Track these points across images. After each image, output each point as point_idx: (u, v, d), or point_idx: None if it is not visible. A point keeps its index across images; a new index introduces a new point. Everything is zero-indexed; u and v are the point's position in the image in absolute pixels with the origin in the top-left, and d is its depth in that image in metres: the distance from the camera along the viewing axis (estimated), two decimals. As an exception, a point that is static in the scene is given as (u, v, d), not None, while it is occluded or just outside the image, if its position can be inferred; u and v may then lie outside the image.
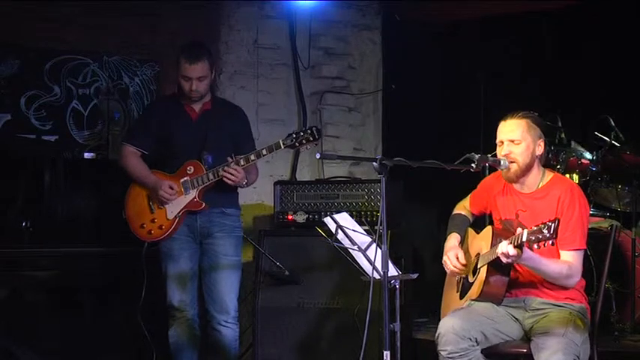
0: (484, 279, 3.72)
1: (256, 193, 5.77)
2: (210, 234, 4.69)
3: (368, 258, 3.64)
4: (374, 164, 3.52)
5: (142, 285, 4.59)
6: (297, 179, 6.04)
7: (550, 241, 3.36)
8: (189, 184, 4.62)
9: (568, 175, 5.15)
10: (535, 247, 3.45)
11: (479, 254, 3.86)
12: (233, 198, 4.80)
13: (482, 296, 3.76)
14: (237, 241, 4.75)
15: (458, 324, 3.67)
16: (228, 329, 4.70)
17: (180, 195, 4.63)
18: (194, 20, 5.91)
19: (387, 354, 3.45)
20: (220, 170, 4.54)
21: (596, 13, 5.72)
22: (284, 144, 4.50)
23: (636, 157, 5.09)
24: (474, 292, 3.80)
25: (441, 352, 3.69)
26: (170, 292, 4.68)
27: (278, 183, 5.32)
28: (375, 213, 5.01)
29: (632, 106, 5.55)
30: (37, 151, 5.28)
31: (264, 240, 5.05)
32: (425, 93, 6.12)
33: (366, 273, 3.67)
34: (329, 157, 6.17)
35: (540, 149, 3.87)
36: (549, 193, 3.83)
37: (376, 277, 3.54)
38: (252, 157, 4.55)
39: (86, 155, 5.71)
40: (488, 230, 3.87)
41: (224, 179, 4.54)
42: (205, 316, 4.76)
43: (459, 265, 3.93)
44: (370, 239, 3.71)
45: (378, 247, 3.59)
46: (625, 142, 5.20)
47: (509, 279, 3.75)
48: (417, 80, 6.09)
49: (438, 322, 3.86)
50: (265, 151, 4.53)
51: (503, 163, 3.84)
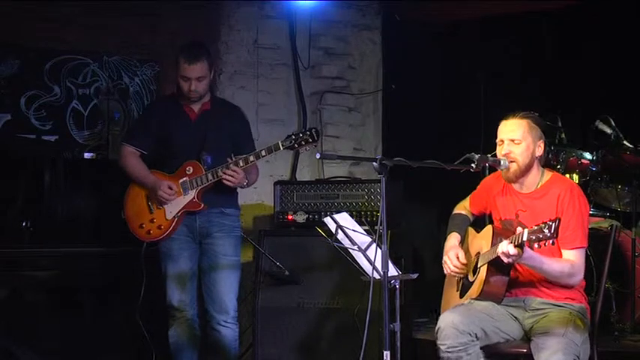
0: (484, 278, 3.72)
1: (256, 193, 5.77)
2: (210, 234, 4.69)
3: (368, 258, 3.63)
4: (374, 164, 3.51)
5: (142, 285, 4.59)
6: (297, 179, 6.03)
7: (551, 241, 3.36)
8: (188, 184, 4.62)
9: (568, 175, 5.16)
10: (536, 246, 3.45)
11: (479, 253, 3.85)
12: (232, 198, 4.80)
13: (483, 295, 3.76)
14: (236, 241, 4.74)
15: (458, 319, 3.68)
16: (227, 329, 4.70)
17: (180, 195, 4.63)
18: (194, 20, 5.91)
19: (387, 354, 3.45)
20: (219, 171, 4.54)
21: (596, 13, 5.72)
22: (283, 145, 4.49)
23: (636, 157, 5.09)
24: (474, 291, 3.80)
25: (440, 347, 3.69)
26: (170, 292, 4.68)
27: (278, 183, 5.31)
28: (375, 213, 5.01)
29: (632, 106, 5.54)
30: (37, 151, 5.28)
31: (264, 240, 5.05)
32: (425, 93, 6.12)
33: (366, 273, 3.67)
34: (329, 157, 6.17)
35: (540, 150, 3.87)
36: (549, 192, 3.83)
37: (376, 277, 3.53)
38: (251, 159, 4.54)
39: (86, 155, 5.71)
40: (488, 229, 3.86)
41: (224, 181, 4.54)
42: (205, 316, 4.75)
43: (459, 265, 3.93)
44: (370, 239, 3.71)
45: (378, 247, 3.59)
46: (624, 142, 5.21)
47: (509, 278, 3.75)
48: (417, 80, 6.08)
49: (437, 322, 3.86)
50: (264, 153, 4.52)
51: (503, 163, 3.84)
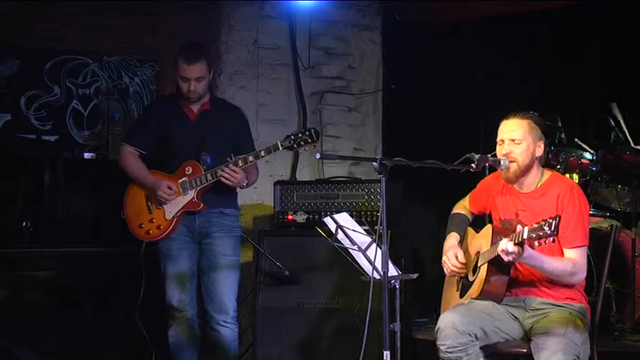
0: (484, 277, 3.72)
1: (256, 193, 5.77)
2: (209, 234, 4.69)
3: (368, 258, 3.63)
4: (374, 164, 3.51)
5: (141, 285, 4.59)
6: (297, 179, 6.03)
7: (551, 238, 3.35)
8: (187, 184, 4.62)
9: (568, 175, 5.15)
10: (536, 244, 3.45)
11: (479, 253, 3.85)
12: (232, 198, 4.80)
13: (483, 295, 3.76)
14: (235, 241, 4.74)
15: (457, 319, 3.67)
16: (227, 329, 4.69)
17: (179, 195, 4.63)
18: (194, 20, 5.91)
19: (387, 354, 3.45)
20: (219, 171, 4.54)
21: (596, 13, 5.72)
22: (282, 145, 4.49)
23: (636, 157, 5.09)
24: (474, 290, 3.80)
25: (440, 347, 3.68)
26: (169, 292, 4.68)
27: (278, 183, 5.31)
28: (375, 213, 5.00)
29: (632, 106, 5.54)
30: (37, 151, 5.28)
31: (264, 240, 5.05)
32: (425, 93, 6.11)
33: (366, 273, 3.67)
34: (329, 157, 6.17)
35: (540, 150, 3.87)
36: (548, 191, 3.83)
37: (376, 277, 3.53)
38: (251, 159, 4.54)
39: (86, 155, 5.71)
40: (488, 229, 3.86)
41: (223, 180, 4.54)
42: (204, 316, 4.75)
43: (458, 265, 3.93)
44: (370, 239, 3.71)
45: (378, 247, 3.59)
46: (625, 142, 5.21)
47: (509, 278, 3.75)
48: (417, 80, 6.08)
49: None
50: (264, 153, 4.52)
51: (503, 162, 3.84)
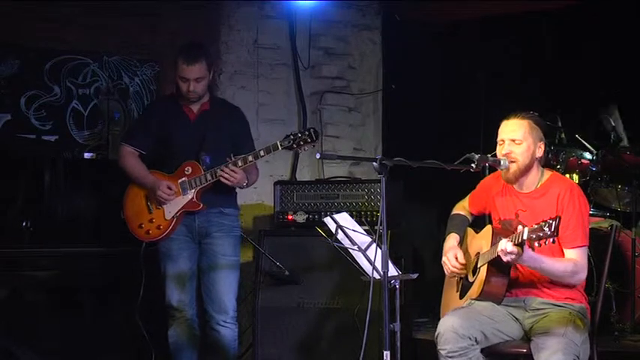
0: (484, 278, 3.71)
1: (256, 193, 5.77)
2: (209, 234, 4.69)
3: (368, 258, 3.63)
4: (374, 164, 3.51)
5: (141, 285, 4.58)
6: (297, 179, 6.03)
7: (551, 239, 3.35)
8: (187, 184, 4.62)
9: (568, 175, 5.16)
10: (536, 244, 3.44)
11: (479, 254, 3.85)
12: (231, 198, 4.79)
13: (483, 296, 3.76)
14: (235, 241, 4.74)
15: (457, 323, 3.66)
16: (226, 329, 4.69)
17: (179, 195, 4.62)
18: (194, 20, 5.91)
19: (387, 354, 3.45)
20: (218, 171, 4.54)
21: (596, 13, 5.72)
22: (282, 145, 4.49)
23: (636, 157, 5.09)
24: (474, 291, 3.80)
25: (441, 351, 3.68)
26: (169, 292, 4.68)
27: (278, 183, 5.31)
28: (375, 213, 5.00)
29: (632, 106, 5.54)
30: (37, 151, 5.28)
31: (264, 240, 5.05)
32: (425, 93, 6.12)
33: (366, 273, 3.67)
34: (329, 157, 6.17)
35: (540, 151, 3.86)
36: (548, 191, 3.83)
37: (376, 277, 3.53)
38: (250, 158, 4.54)
39: (86, 155, 5.71)
40: (488, 229, 3.86)
41: (222, 179, 4.54)
42: (204, 316, 4.75)
43: (458, 265, 3.92)
44: (370, 239, 3.71)
45: (378, 247, 3.59)
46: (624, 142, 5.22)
47: (509, 278, 3.75)
48: (417, 80, 6.08)
49: (437, 322, 3.85)
50: (263, 153, 4.52)
51: (503, 162, 3.83)
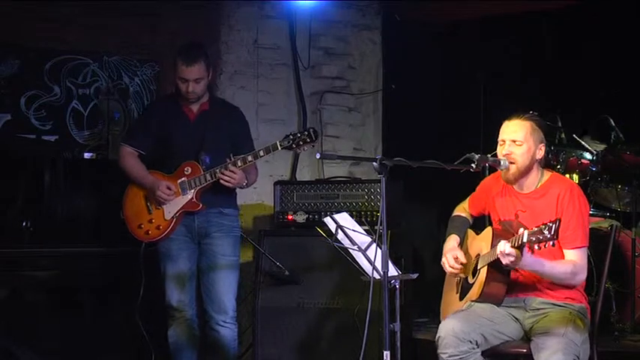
0: (484, 280, 3.71)
1: (256, 193, 5.77)
2: (208, 234, 4.68)
3: (368, 258, 3.63)
4: (374, 164, 3.51)
5: (141, 285, 4.58)
6: (297, 179, 6.03)
7: (551, 242, 3.35)
8: (186, 184, 4.62)
9: (568, 175, 5.15)
10: (536, 247, 3.44)
11: (479, 255, 3.85)
12: (231, 198, 4.79)
13: (483, 297, 3.75)
14: (235, 241, 4.74)
15: (458, 326, 3.66)
16: (226, 329, 4.69)
17: (178, 195, 4.63)
18: (194, 20, 5.91)
19: (387, 354, 3.45)
20: (218, 172, 4.54)
21: (596, 13, 5.72)
22: (281, 145, 4.49)
23: (636, 157, 5.09)
24: (473, 293, 3.80)
25: (442, 355, 3.67)
26: (169, 292, 4.68)
27: (278, 183, 5.31)
28: (375, 213, 5.01)
29: (632, 106, 5.54)
30: (37, 151, 5.28)
31: (264, 240, 5.05)
32: (425, 93, 6.11)
33: (366, 273, 3.67)
34: (329, 157, 6.17)
35: (541, 153, 3.86)
36: (548, 191, 3.82)
37: (376, 277, 3.53)
38: (250, 159, 4.54)
39: (86, 155, 5.72)
40: (488, 231, 3.86)
41: (222, 182, 4.54)
42: (204, 316, 4.75)
43: (457, 266, 3.92)
44: (370, 239, 3.71)
45: (378, 247, 3.59)
46: (625, 142, 5.21)
47: (509, 280, 3.75)
48: (417, 80, 6.08)
49: (438, 322, 3.86)
50: (262, 153, 4.52)
51: (503, 163, 3.83)
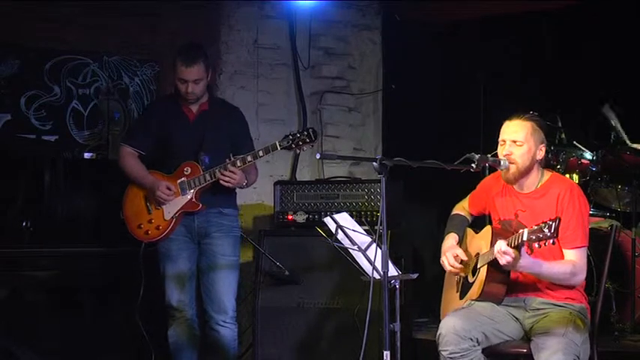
0: (484, 279, 3.71)
1: (256, 193, 5.77)
2: (208, 234, 4.68)
3: (368, 258, 3.63)
4: (374, 164, 3.51)
5: (141, 285, 4.58)
6: (297, 179, 6.03)
7: (551, 241, 3.35)
8: (186, 184, 4.62)
9: (568, 175, 5.15)
10: (536, 246, 3.45)
11: (478, 254, 3.85)
12: (231, 198, 4.79)
13: (483, 296, 3.75)
14: (234, 241, 4.74)
15: (459, 324, 3.66)
16: (226, 329, 4.69)
17: (178, 196, 4.63)
18: (194, 20, 5.91)
19: (387, 354, 3.45)
20: (217, 172, 4.54)
21: (596, 13, 5.72)
22: (280, 145, 4.49)
23: (636, 157, 5.09)
24: (474, 292, 3.80)
25: (442, 353, 3.68)
26: (169, 293, 4.68)
27: (278, 183, 5.31)
28: (375, 213, 5.00)
29: (632, 106, 5.54)
30: (37, 151, 5.28)
31: (264, 240, 5.05)
32: (425, 93, 6.11)
33: (366, 273, 3.67)
34: (329, 157, 6.17)
35: (541, 154, 3.86)
36: (548, 191, 3.82)
37: (376, 277, 3.53)
38: (249, 159, 4.54)
39: (86, 155, 5.71)
40: (487, 230, 3.86)
41: (222, 182, 4.53)
42: (204, 316, 4.75)
43: (457, 265, 3.92)
44: (370, 239, 3.71)
45: (378, 247, 3.59)
46: (625, 142, 5.21)
47: (509, 279, 3.75)
48: (417, 80, 6.08)
49: (438, 322, 3.85)
50: (262, 153, 4.52)
51: (503, 163, 3.83)
